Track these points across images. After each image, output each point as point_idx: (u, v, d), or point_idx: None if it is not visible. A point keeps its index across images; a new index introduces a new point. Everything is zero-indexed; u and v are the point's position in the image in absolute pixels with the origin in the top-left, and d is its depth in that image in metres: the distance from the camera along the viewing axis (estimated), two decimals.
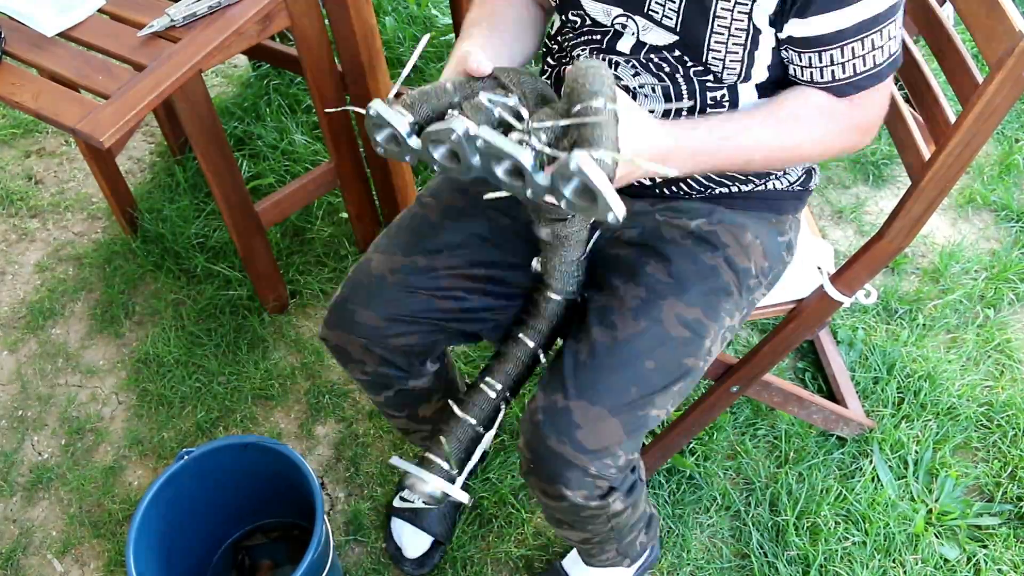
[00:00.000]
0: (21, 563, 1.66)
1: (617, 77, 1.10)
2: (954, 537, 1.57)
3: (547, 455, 1.08)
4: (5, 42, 1.46)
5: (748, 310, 1.21)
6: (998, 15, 0.99)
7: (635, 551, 1.37)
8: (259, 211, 1.79)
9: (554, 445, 1.07)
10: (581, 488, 1.09)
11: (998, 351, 1.82)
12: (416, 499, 1.28)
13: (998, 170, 2.16)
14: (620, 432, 1.07)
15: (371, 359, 1.24)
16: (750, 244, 1.17)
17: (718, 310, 1.14)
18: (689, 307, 1.11)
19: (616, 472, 1.10)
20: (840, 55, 0.99)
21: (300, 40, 1.61)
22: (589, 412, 1.07)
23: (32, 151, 2.42)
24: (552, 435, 1.07)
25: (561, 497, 1.11)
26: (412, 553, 1.58)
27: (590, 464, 1.07)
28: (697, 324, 1.12)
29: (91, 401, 1.88)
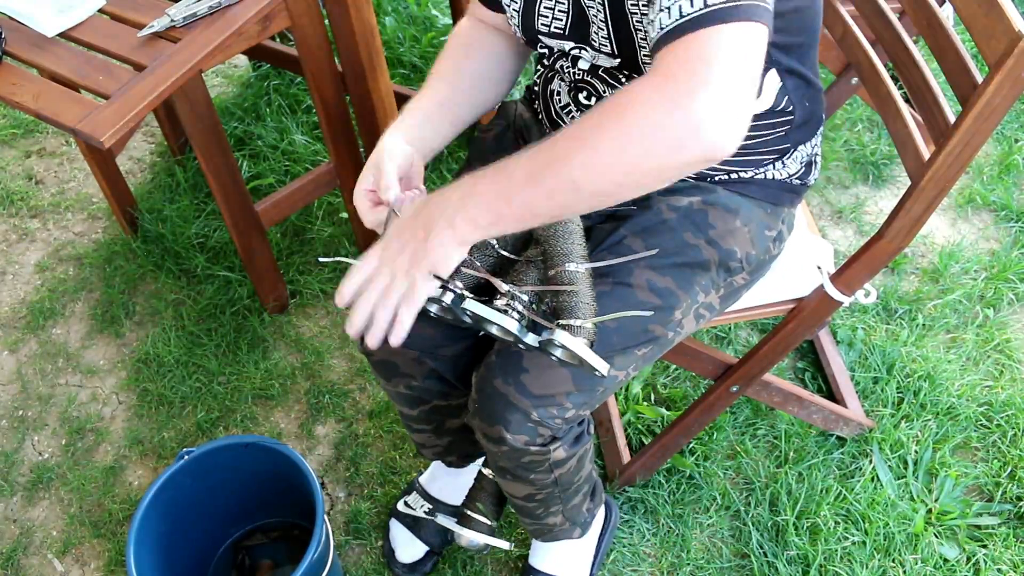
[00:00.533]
0: (21, 563, 1.66)
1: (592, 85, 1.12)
2: (954, 537, 1.57)
3: (491, 394, 1.09)
4: (5, 42, 1.46)
5: (727, 292, 1.20)
6: (997, 15, 0.99)
7: (582, 518, 1.37)
8: (259, 211, 1.79)
9: (499, 386, 1.08)
10: (521, 432, 1.09)
11: (998, 351, 1.83)
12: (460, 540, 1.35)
13: (998, 170, 2.16)
14: (569, 383, 1.07)
15: (420, 371, 1.24)
16: (737, 229, 1.17)
17: (692, 283, 1.14)
18: (661, 276, 1.11)
19: (561, 422, 1.10)
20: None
21: (300, 40, 1.61)
22: (540, 359, 1.07)
23: (32, 151, 2.43)
24: (499, 375, 1.08)
25: (501, 440, 1.10)
26: (404, 558, 1.58)
27: (532, 409, 1.07)
28: (667, 293, 1.11)
29: (91, 401, 1.88)
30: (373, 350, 1.25)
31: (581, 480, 1.28)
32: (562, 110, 1.19)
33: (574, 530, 1.39)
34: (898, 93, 1.22)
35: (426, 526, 1.58)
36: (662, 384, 1.80)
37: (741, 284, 1.22)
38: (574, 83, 1.16)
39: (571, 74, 1.15)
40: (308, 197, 1.90)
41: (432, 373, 1.25)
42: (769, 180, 1.21)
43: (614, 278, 1.10)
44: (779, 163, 1.20)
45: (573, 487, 1.27)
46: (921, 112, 1.17)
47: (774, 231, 1.23)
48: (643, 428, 1.73)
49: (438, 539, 1.58)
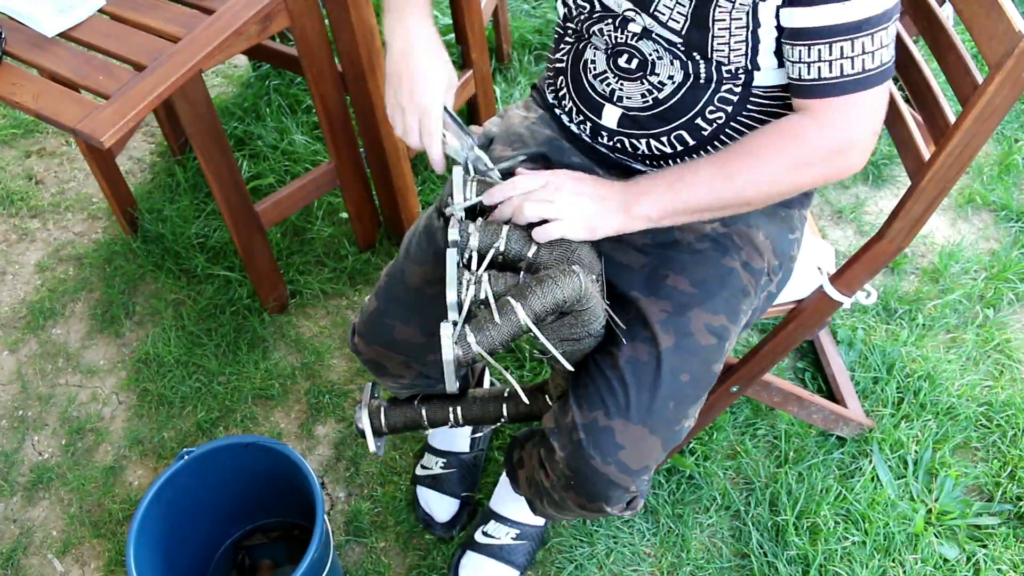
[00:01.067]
0: (21, 563, 1.66)
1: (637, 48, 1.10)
2: (954, 537, 1.57)
3: (591, 475, 1.10)
4: (5, 42, 1.46)
5: (759, 305, 1.22)
6: (998, 15, 0.99)
7: None
8: (259, 211, 1.79)
9: (599, 466, 1.09)
10: (619, 503, 1.12)
11: (998, 351, 1.83)
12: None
13: (998, 170, 2.16)
14: (659, 448, 1.10)
15: (409, 373, 1.26)
16: (762, 244, 1.18)
17: (738, 313, 1.15)
18: (715, 315, 1.13)
19: (647, 481, 1.13)
20: (828, 52, 0.98)
21: (300, 40, 1.61)
22: (631, 431, 1.08)
23: (32, 151, 2.42)
24: (596, 455, 1.09)
25: (600, 511, 1.13)
26: (442, 517, 1.60)
27: (632, 483, 1.10)
28: (722, 329, 1.13)
29: (91, 401, 1.88)
30: (363, 350, 1.26)
31: None
32: (596, 78, 1.16)
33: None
34: (898, 93, 1.22)
35: (449, 479, 1.61)
36: None
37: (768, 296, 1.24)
38: (614, 47, 1.12)
39: (612, 37, 1.11)
40: (308, 197, 1.90)
41: (420, 375, 1.26)
42: None
43: (676, 332, 1.11)
44: None
45: None
46: (921, 112, 1.17)
47: (795, 235, 1.24)
48: None
49: (464, 486, 1.61)
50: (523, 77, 2.43)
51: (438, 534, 1.60)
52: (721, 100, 1.10)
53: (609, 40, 1.12)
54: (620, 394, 1.08)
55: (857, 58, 0.98)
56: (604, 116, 1.17)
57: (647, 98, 1.12)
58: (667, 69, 1.09)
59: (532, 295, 0.97)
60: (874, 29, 0.97)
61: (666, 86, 1.10)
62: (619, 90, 1.14)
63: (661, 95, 1.11)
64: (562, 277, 0.98)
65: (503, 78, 2.44)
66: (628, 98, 1.13)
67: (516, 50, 2.48)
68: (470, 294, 1.00)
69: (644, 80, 1.11)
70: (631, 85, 1.12)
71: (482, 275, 1.01)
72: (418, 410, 1.31)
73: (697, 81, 1.09)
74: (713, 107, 1.10)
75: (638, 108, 1.13)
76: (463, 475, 1.62)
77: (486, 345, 0.97)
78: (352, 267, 2.05)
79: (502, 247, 1.03)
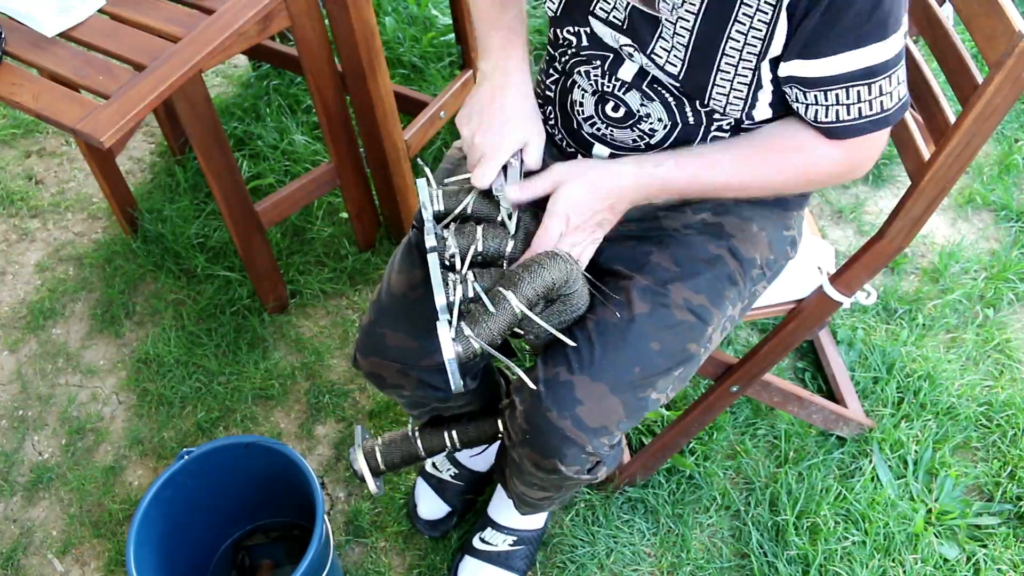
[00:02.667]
0: (21, 563, 1.66)
1: (623, 99, 1.10)
2: (954, 537, 1.57)
3: (547, 429, 1.09)
4: (5, 42, 1.46)
5: (750, 302, 1.22)
6: (998, 15, 0.99)
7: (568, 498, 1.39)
8: (259, 211, 1.79)
9: (555, 419, 1.08)
10: (575, 463, 1.10)
11: (998, 351, 1.83)
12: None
13: (998, 170, 2.16)
14: (620, 411, 1.08)
15: (408, 382, 1.24)
16: (756, 235, 1.17)
17: (723, 298, 1.14)
18: (696, 293, 1.12)
19: (609, 449, 1.11)
20: (845, 96, 0.99)
21: (300, 40, 1.61)
22: (591, 388, 1.07)
23: (32, 151, 2.43)
24: (553, 408, 1.07)
25: (555, 471, 1.11)
26: (426, 515, 1.61)
27: (589, 442, 1.08)
28: (702, 310, 1.12)
29: (91, 401, 1.88)
30: (361, 364, 1.26)
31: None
32: (585, 121, 1.15)
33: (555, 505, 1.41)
34: None
35: (450, 489, 1.62)
36: None
37: (761, 291, 1.24)
38: (600, 93, 1.11)
39: (598, 84, 1.10)
40: (308, 197, 1.90)
41: (420, 383, 1.24)
42: None
43: (653, 300, 1.11)
44: None
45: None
46: (921, 112, 1.17)
47: (791, 232, 1.23)
48: (643, 428, 1.73)
49: (459, 501, 1.61)
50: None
51: (418, 527, 1.62)
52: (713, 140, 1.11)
53: (594, 85, 1.11)
54: (585, 352, 1.08)
55: (875, 100, 0.99)
56: (595, 152, 1.17)
57: (639, 143, 1.13)
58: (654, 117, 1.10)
59: (522, 282, 1.00)
60: (891, 71, 0.98)
61: (657, 132, 1.10)
62: (609, 135, 1.14)
63: (653, 140, 1.11)
64: (548, 261, 1.01)
65: None
66: (619, 141, 1.14)
67: None
68: (459, 293, 1.02)
69: (634, 128, 1.11)
70: (621, 132, 1.13)
71: (466, 273, 1.03)
72: (413, 441, 1.31)
73: (687, 126, 1.09)
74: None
75: (630, 149, 1.14)
76: (467, 490, 1.63)
77: (485, 336, 0.99)
78: (352, 267, 2.05)
79: (480, 247, 1.05)
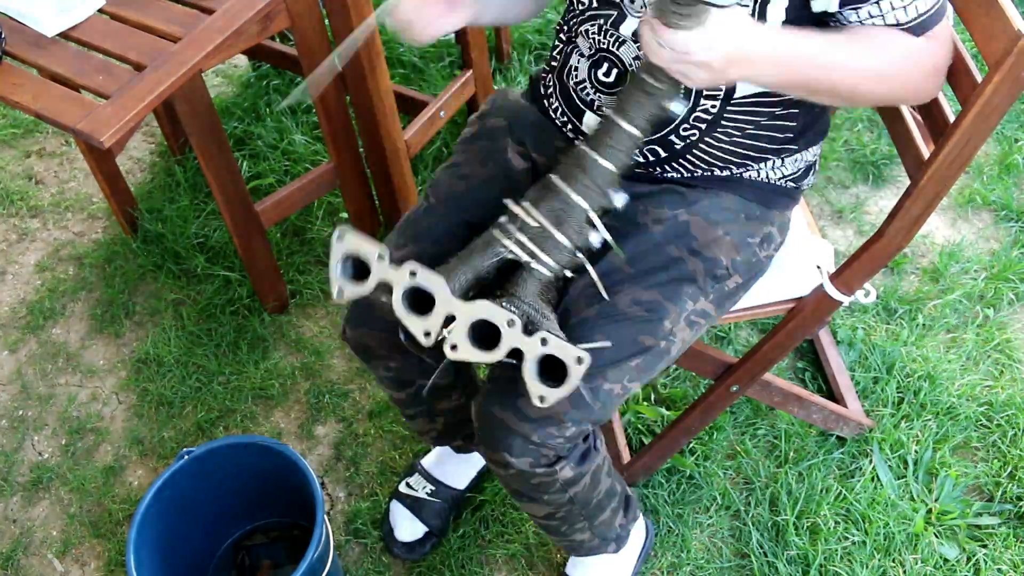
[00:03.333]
0: (21, 563, 1.66)
1: (617, 56, 1.11)
2: (954, 537, 1.57)
3: (491, 422, 1.11)
4: (5, 42, 1.46)
5: (719, 296, 1.20)
6: (997, 15, 0.99)
7: (614, 533, 1.37)
8: (259, 211, 1.79)
9: (497, 412, 1.10)
10: (524, 455, 1.10)
11: (998, 351, 1.82)
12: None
13: (997, 170, 2.16)
14: (565, 402, 1.07)
15: (395, 352, 1.25)
16: (719, 238, 1.17)
17: (678, 293, 1.14)
18: (646, 290, 1.12)
19: (563, 441, 1.10)
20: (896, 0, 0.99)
21: (300, 40, 1.61)
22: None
23: (32, 151, 2.43)
24: (496, 403, 1.10)
25: (506, 464, 1.12)
26: (404, 537, 1.59)
27: (532, 432, 1.08)
28: (655, 305, 1.12)
29: (91, 401, 1.88)
30: (349, 335, 1.27)
31: (601, 495, 1.28)
32: (577, 86, 1.18)
33: (607, 545, 1.38)
34: None
35: (426, 506, 1.59)
36: (662, 384, 1.80)
37: (735, 287, 1.22)
38: (596, 52, 1.13)
39: (596, 41, 1.12)
40: (308, 197, 1.90)
41: (406, 354, 1.25)
42: (761, 181, 1.21)
43: (599, 303, 1.11)
44: (776, 161, 1.20)
45: (594, 503, 1.27)
46: (921, 112, 1.17)
47: (757, 237, 1.22)
48: (643, 428, 1.73)
49: (438, 521, 1.60)
50: (523, 77, 2.43)
51: (395, 552, 1.59)
52: (696, 119, 1.12)
53: (593, 44, 1.13)
54: None
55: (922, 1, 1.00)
56: (584, 121, 1.19)
57: None
58: None
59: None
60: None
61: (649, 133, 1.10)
62: (598, 100, 1.16)
63: None
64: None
65: (503, 78, 2.44)
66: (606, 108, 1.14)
67: (516, 50, 2.48)
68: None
69: None
70: (609, 99, 1.14)
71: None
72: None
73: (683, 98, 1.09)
74: (688, 125, 1.12)
75: None
76: (445, 509, 1.61)
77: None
78: None
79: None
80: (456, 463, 1.62)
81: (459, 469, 1.62)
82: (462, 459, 1.62)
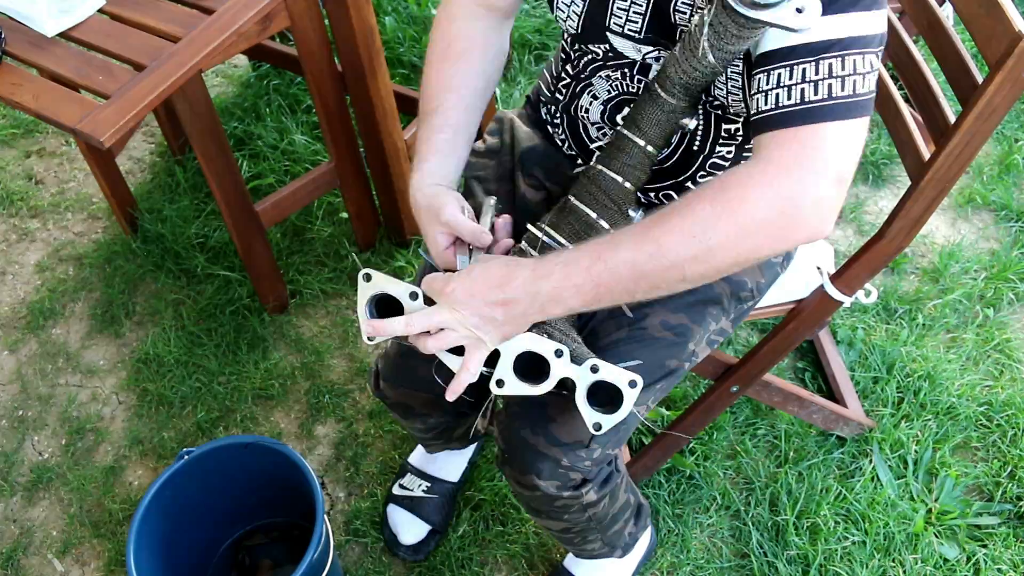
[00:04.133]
0: (21, 563, 1.66)
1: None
2: (954, 537, 1.57)
3: (520, 446, 1.10)
4: (5, 42, 1.46)
5: (737, 317, 1.22)
6: (998, 15, 0.99)
7: (623, 541, 1.38)
8: (259, 211, 1.79)
9: (528, 436, 1.09)
10: (553, 479, 1.10)
11: (998, 351, 1.83)
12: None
13: (998, 170, 2.16)
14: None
15: (436, 411, 1.26)
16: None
17: (704, 316, 1.15)
18: (675, 314, 1.12)
19: (590, 465, 1.11)
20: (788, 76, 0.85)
21: (300, 40, 1.61)
22: (564, 405, 1.07)
23: (32, 151, 2.42)
24: (526, 427, 1.09)
25: (534, 487, 1.12)
26: (408, 539, 1.59)
27: (563, 456, 1.08)
28: (682, 328, 1.12)
29: (91, 401, 1.88)
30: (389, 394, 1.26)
31: (617, 510, 1.28)
32: (592, 126, 1.14)
33: (615, 552, 1.39)
34: (898, 93, 1.22)
35: (424, 504, 1.60)
36: None
37: (751, 305, 1.24)
38: (616, 96, 1.09)
39: (619, 86, 1.08)
40: (308, 197, 1.90)
41: (447, 410, 1.26)
42: None
43: (629, 326, 1.11)
44: None
45: (610, 518, 1.28)
46: (921, 112, 1.17)
47: (780, 256, 1.23)
48: (643, 428, 1.73)
49: (439, 516, 1.60)
50: (523, 77, 2.43)
51: (402, 556, 1.59)
52: (713, 166, 1.11)
53: (614, 88, 1.09)
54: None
55: (823, 82, 0.83)
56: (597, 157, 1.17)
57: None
58: None
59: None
60: (846, 52, 0.84)
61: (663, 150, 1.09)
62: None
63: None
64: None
65: (503, 78, 2.44)
66: None
67: (516, 50, 2.48)
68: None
69: None
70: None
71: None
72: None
73: (692, 144, 1.09)
74: (704, 172, 1.12)
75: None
76: (443, 503, 1.61)
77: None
78: (352, 267, 2.05)
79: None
80: (447, 456, 1.63)
81: (451, 461, 1.63)
82: (456, 454, 1.63)
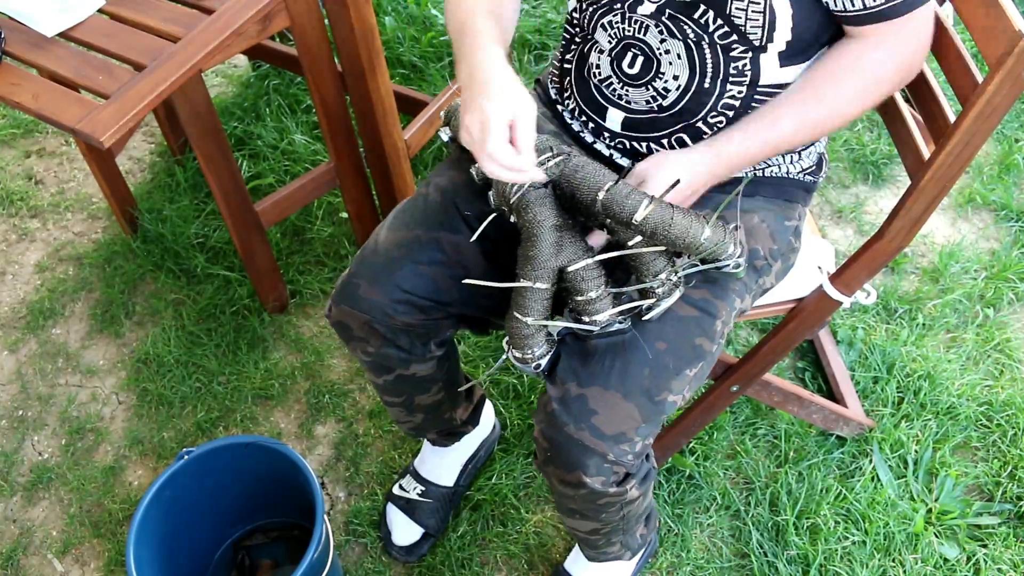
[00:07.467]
0: (21, 563, 1.66)
1: (644, 41, 1.11)
2: (954, 536, 1.57)
3: (565, 442, 1.08)
4: (5, 42, 1.46)
5: (758, 292, 1.21)
6: (997, 15, 0.99)
7: (636, 543, 1.38)
8: (259, 211, 1.79)
9: (572, 432, 1.07)
10: (600, 474, 1.10)
11: (998, 351, 1.83)
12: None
13: (998, 170, 2.16)
14: (637, 416, 1.07)
15: (374, 338, 1.24)
16: (756, 226, 1.18)
17: (727, 290, 1.14)
18: (696, 288, 1.12)
19: (632, 458, 1.10)
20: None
21: (300, 40, 1.61)
22: (604, 397, 1.07)
23: (32, 151, 2.42)
24: (570, 422, 1.07)
25: (580, 484, 1.11)
26: (401, 541, 1.59)
27: (609, 450, 1.07)
28: (706, 303, 1.12)
29: (91, 401, 1.88)
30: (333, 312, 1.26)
31: (642, 510, 1.29)
32: (602, 83, 1.17)
33: (625, 553, 1.39)
34: (898, 93, 1.22)
35: (421, 507, 1.59)
36: None
37: (770, 286, 1.24)
38: (619, 42, 1.13)
39: (619, 30, 1.12)
40: (308, 197, 1.90)
41: (385, 340, 1.24)
42: (783, 177, 1.22)
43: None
44: (795, 156, 1.21)
45: (636, 518, 1.28)
46: (921, 112, 1.17)
47: (792, 223, 1.23)
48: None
49: (433, 520, 1.60)
50: (523, 77, 2.43)
51: (393, 555, 1.59)
52: (724, 106, 1.11)
53: (615, 35, 1.12)
54: (593, 362, 1.08)
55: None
56: (608, 119, 1.18)
57: (652, 104, 1.13)
58: (672, 68, 1.10)
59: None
60: None
61: (671, 92, 1.11)
62: (624, 95, 1.16)
63: (666, 102, 1.12)
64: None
65: None
66: (633, 102, 1.15)
67: (516, 50, 2.48)
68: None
69: (649, 86, 1.12)
70: (636, 91, 1.14)
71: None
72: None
73: (702, 82, 1.09)
74: (716, 112, 1.12)
75: (642, 112, 1.15)
76: (437, 508, 1.61)
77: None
78: None
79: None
80: (438, 459, 1.62)
81: (443, 464, 1.62)
82: (442, 454, 1.61)
